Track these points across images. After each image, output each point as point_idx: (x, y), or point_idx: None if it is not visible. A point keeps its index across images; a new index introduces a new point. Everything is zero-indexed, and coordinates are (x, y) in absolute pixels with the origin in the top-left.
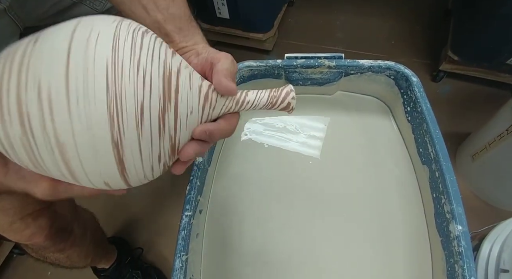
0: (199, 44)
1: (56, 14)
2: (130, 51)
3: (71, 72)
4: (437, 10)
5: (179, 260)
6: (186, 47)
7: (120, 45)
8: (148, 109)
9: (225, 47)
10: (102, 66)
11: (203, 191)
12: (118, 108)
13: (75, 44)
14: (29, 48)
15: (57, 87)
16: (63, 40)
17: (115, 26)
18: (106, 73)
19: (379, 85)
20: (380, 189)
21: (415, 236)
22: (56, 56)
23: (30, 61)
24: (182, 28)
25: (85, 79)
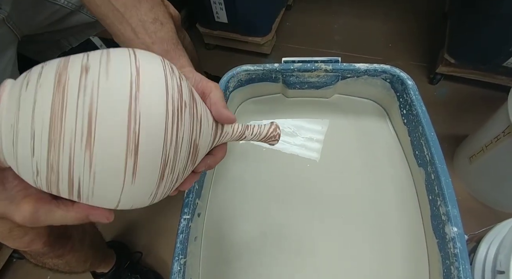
0: (185, 67)
1: (54, 23)
2: (178, 101)
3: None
4: (434, 13)
5: (178, 263)
6: None
7: (169, 95)
8: (183, 141)
9: (224, 50)
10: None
11: (201, 195)
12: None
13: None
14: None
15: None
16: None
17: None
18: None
19: (376, 88)
20: (377, 191)
21: (411, 238)
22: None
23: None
24: (169, 51)
25: (144, 120)
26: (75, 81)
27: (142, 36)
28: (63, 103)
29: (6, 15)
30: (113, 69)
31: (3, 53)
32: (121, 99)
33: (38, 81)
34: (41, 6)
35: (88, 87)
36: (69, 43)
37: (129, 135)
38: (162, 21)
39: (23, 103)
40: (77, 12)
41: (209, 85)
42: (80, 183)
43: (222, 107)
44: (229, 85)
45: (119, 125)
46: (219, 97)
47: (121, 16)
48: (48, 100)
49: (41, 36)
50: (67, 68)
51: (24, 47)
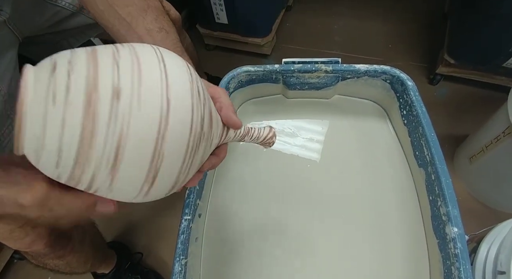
0: None
1: (55, 24)
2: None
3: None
4: (434, 13)
5: (179, 264)
6: None
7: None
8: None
9: (224, 51)
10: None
11: (202, 195)
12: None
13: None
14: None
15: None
16: None
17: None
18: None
19: (376, 89)
20: (377, 192)
21: (412, 238)
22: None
23: None
24: None
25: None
26: (105, 107)
27: None
28: (92, 130)
29: (7, 17)
30: (144, 97)
31: (4, 55)
32: (148, 138)
33: (67, 97)
34: (42, 8)
35: (119, 118)
36: (69, 44)
37: (150, 170)
38: (167, 30)
39: (50, 122)
40: (78, 13)
41: (218, 91)
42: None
43: (233, 113)
44: (229, 86)
45: (143, 160)
46: (229, 102)
47: (128, 25)
48: (78, 124)
49: (42, 38)
50: (97, 86)
51: (25, 48)
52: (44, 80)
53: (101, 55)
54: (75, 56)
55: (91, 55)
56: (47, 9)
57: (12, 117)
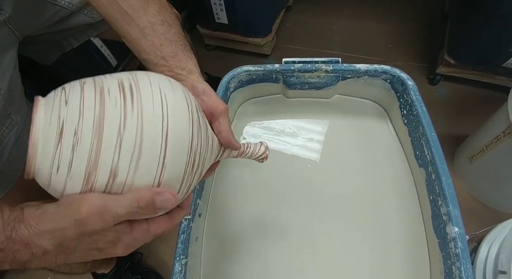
0: (193, 74)
1: (55, 24)
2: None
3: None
4: (433, 13)
5: (179, 263)
6: (180, 75)
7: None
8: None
9: (224, 51)
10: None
11: (202, 195)
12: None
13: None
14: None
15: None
16: None
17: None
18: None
19: (376, 88)
20: (378, 191)
21: (413, 238)
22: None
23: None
24: (177, 53)
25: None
26: (109, 161)
27: (151, 38)
28: (99, 154)
29: (7, 16)
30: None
31: (4, 55)
32: (154, 141)
33: (75, 135)
34: (42, 7)
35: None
36: (69, 44)
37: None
38: (170, 23)
39: (65, 113)
40: (78, 13)
41: (220, 108)
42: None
43: (232, 137)
44: (229, 85)
45: (151, 167)
46: (228, 125)
47: (130, 18)
48: (83, 165)
49: (41, 37)
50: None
51: (24, 48)
52: (54, 115)
53: (108, 100)
54: (84, 94)
55: (98, 120)
56: (47, 8)
57: (12, 116)
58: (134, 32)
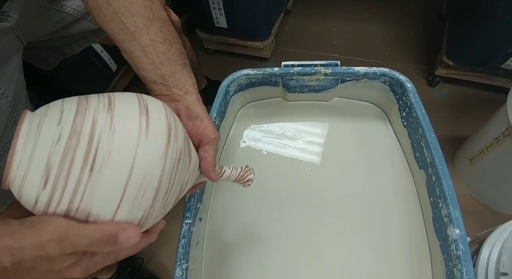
0: (190, 95)
1: (59, 30)
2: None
3: None
4: (432, 15)
5: (180, 268)
6: (177, 95)
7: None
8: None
9: (224, 55)
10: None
11: (202, 199)
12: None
13: None
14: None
15: None
16: None
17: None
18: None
19: (375, 91)
20: (378, 193)
21: (414, 241)
22: None
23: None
24: (176, 72)
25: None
26: (77, 171)
27: (151, 56)
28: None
29: (14, 22)
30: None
31: (10, 61)
32: (131, 141)
33: (51, 149)
34: (47, 14)
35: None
36: (71, 49)
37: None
38: (171, 42)
39: (32, 171)
40: (82, 19)
41: (208, 136)
42: (99, 142)
43: (212, 168)
44: (229, 89)
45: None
46: (213, 155)
47: (131, 35)
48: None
49: (44, 43)
50: (75, 152)
51: (26, 53)
52: (31, 139)
53: (87, 112)
54: (64, 117)
55: (79, 113)
56: (53, 14)
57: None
58: (135, 49)
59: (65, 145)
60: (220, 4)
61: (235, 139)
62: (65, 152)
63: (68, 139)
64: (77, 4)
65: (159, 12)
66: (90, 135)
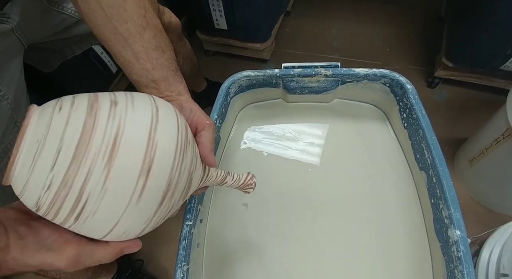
0: (183, 95)
1: (60, 32)
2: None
3: None
4: (431, 17)
5: (180, 270)
6: (170, 96)
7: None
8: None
9: (224, 57)
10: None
11: (203, 201)
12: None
13: None
14: None
15: None
16: None
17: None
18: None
19: (375, 92)
20: (379, 195)
21: (415, 242)
22: None
23: None
24: (168, 77)
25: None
26: (105, 110)
27: (143, 62)
28: (93, 125)
29: (15, 24)
30: (138, 104)
31: (11, 62)
32: (143, 129)
33: (72, 106)
34: (48, 16)
35: (117, 115)
36: (72, 51)
37: (145, 159)
38: (163, 48)
39: (55, 122)
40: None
41: (203, 122)
42: (88, 199)
43: (209, 151)
44: (230, 91)
45: (139, 149)
46: (209, 139)
47: (124, 40)
48: (81, 121)
49: (44, 45)
50: (98, 100)
51: (27, 55)
52: (42, 128)
53: (99, 111)
54: (76, 103)
55: (90, 112)
56: (54, 16)
57: (18, 125)
58: (127, 54)
59: (74, 151)
60: (220, 6)
61: (235, 140)
62: (73, 158)
63: (78, 143)
64: None
65: (153, 20)
66: (101, 140)
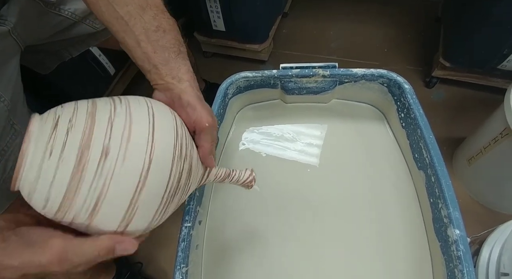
0: (182, 83)
1: (57, 33)
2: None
3: None
4: (429, 17)
5: (179, 272)
6: (171, 84)
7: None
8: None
9: (222, 58)
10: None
11: (202, 202)
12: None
13: None
14: None
15: None
16: None
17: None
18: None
19: (373, 92)
20: (378, 195)
21: (414, 241)
22: None
23: None
24: (169, 60)
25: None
26: (94, 165)
27: (144, 45)
28: (78, 184)
29: (11, 26)
30: (128, 159)
31: (8, 65)
32: (128, 188)
33: (62, 153)
34: (45, 17)
35: (104, 175)
36: (69, 53)
37: (124, 218)
38: (165, 29)
39: (44, 172)
40: (80, 23)
41: (202, 125)
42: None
43: (208, 153)
44: (228, 92)
45: (119, 211)
46: (209, 141)
47: (125, 24)
48: (66, 178)
49: (41, 46)
50: (89, 147)
51: (23, 57)
52: (45, 135)
53: (99, 116)
54: (76, 114)
55: (90, 117)
56: (51, 18)
57: (15, 127)
58: (129, 39)
59: (75, 161)
60: (218, 7)
61: (234, 141)
62: (74, 170)
63: (78, 153)
64: (75, 8)
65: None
66: (102, 149)
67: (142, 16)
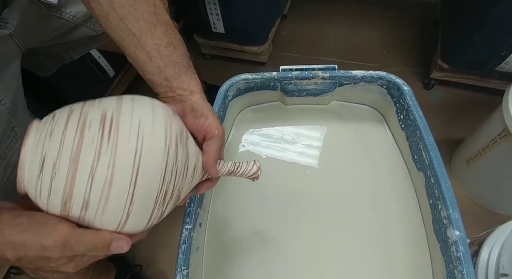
0: (195, 95)
1: (58, 36)
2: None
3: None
4: (427, 19)
5: (180, 274)
6: (182, 96)
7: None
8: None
9: (221, 60)
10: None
11: (202, 204)
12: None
13: None
14: None
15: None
16: None
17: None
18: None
19: (373, 94)
20: (378, 196)
21: (414, 242)
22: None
23: None
24: (180, 74)
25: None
26: (82, 188)
27: (156, 60)
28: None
29: (13, 29)
30: (123, 117)
31: (9, 67)
32: (122, 190)
33: (55, 165)
34: (46, 20)
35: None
36: (70, 56)
37: (134, 168)
38: (175, 45)
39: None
40: (81, 26)
41: (212, 132)
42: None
43: (212, 162)
44: (228, 94)
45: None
46: (215, 149)
47: (137, 40)
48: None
49: (42, 49)
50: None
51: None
52: (39, 146)
53: (88, 129)
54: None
55: (80, 132)
56: (52, 21)
57: (16, 130)
58: (140, 54)
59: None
60: (217, 10)
61: (234, 143)
62: (71, 166)
63: (72, 151)
64: (76, 11)
65: (163, 16)
66: (96, 151)
67: (153, 33)
